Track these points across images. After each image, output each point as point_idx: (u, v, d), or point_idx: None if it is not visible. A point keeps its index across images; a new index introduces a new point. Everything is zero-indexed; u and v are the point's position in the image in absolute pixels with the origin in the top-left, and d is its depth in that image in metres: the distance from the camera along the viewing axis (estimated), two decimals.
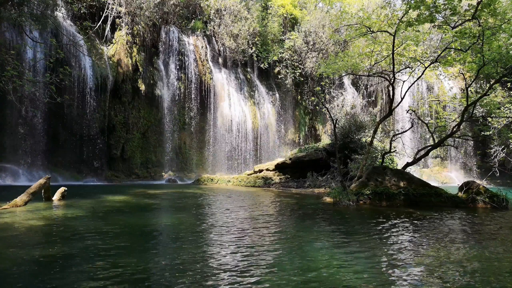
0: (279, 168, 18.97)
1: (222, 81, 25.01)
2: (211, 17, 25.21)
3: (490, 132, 18.77)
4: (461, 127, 15.77)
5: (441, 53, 12.86)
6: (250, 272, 3.91)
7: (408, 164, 13.14)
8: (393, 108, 14.56)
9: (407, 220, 7.76)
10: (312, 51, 27.22)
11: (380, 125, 16.30)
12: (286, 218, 7.99)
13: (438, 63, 13.32)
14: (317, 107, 27.89)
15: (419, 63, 14.20)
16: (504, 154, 20.86)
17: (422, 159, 18.89)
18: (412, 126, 15.11)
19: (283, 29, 28.34)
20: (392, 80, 13.44)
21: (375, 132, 13.76)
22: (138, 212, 8.41)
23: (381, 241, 5.65)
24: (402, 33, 13.20)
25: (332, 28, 25.45)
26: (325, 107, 16.28)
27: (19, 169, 17.40)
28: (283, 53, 27.10)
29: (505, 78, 15.04)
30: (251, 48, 26.02)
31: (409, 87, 14.39)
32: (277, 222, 7.39)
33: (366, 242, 5.50)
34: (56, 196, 9.65)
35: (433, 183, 13.73)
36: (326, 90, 27.25)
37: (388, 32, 13.02)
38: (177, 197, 12.12)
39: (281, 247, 5.09)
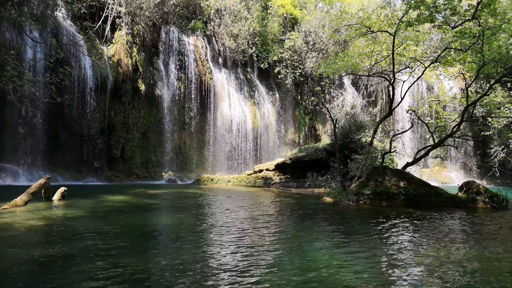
0: (279, 168, 18.97)
1: (222, 81, 25.01)
2: (211, 17, 25.21)
3: (490, 132, 18.76)
4: (461, 127, 15.77)
5: (441, 53, 12.85)
6: (250, 272, 3.91)
7: (408, 164, 13.14)
8: (393, 108, 14.56)
9: (407, 220, 7.76)
10: (312, 51, 27.22)
11: (380, 125, 16.30)
12: (286, 218, 7.98)
13: (438, 63, 13.31)
14: (317, 107, 27.89)
15: (419, 63, 14.20)
16: (504, 154, 20.84)
17: (422, 159, 18.89)
18: (412, 126, 15.11)
19: (283, 29, 28.34)
20: (392, 80, 13.44)
21: (375, 132, 13.76)
22: (138, 212, 8.41)
23: (381, 241, 5.65)
24: (402, 33, 13.19)
25: (332, 28, 25.45)
26: (325, 107, 16.27)
27: (19, 169, 17.40)
28: (283, 53, 27.10)
29: (505, 78, 15.03)
30: (251, 48, 26.02)
31: (409, 87, 14.39)
32: (277, 222, 7.39)
33: (366, 242, 5.50)
34: (56, 196, 9.65)
35: (433, 183, 13.72)
36: (326, 90, 27.25)
37: (388, 32, 13.02)
38: (177, 197, 12.12)
39: (281, 247, 5.09)
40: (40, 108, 17.82)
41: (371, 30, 13.09)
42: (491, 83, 13.29)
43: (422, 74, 14.02)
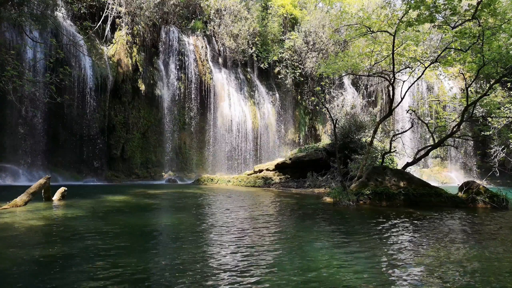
0: (279, 168, 18.97)
1: (222, 81, 25.01)
2: (211, 17, 25.21)
3: (490, 132, 18.76)
4: (461, 127, 15.76)
5: (441, 53, 12.86)
6: (250, 272, 3.91)
7: (408, 164, 13.14)
8: (393, 108, 14.56)
9: (407, 220, 7.76)
10: (312, 51, 27.22)
11: (380, 125, 16.30)
12: (286, 218, 7.98)
13: (438, 63, 13.31)
14: (317, 107, 27.89)
15: (419, 63, 14.20)
16: (504, 154, 20.84)
17: (422, 159, 18.89)
18: (412, 126, 15.11)
19: (283, 29, 28.34)
20: (392, 80, 13.44)
21: (375, 132, 13.76)
22: (138, 212, 8.41)
23: (381, 241, 5.65)
24: (402, 33, 13.19)
25: (332, 28, 25.45)
26: (325, 107, 16.28)
27: (19, 169, 17.39)
28: (283, 53, 27.10)
29: (505, 78, 15.03)
30: (251, 48, 26.02)
31: (409, 87, 14.39)
32: (277, 222, 7.39)
33: (366, 242, 5.50)
34: (56, 196, 9.65)
35: (433, 183, 13.72)
36: (326, 90, 27.25)
37: (388, 32, 13.01)
38: (177, 197, 12.12)
39: (281, 247, 5.09)
40: (40, 108, 17.82)
41: (371, 30, 13.09)
42: (491, 83, 13.29)
43: (422, 74, 14.02)
